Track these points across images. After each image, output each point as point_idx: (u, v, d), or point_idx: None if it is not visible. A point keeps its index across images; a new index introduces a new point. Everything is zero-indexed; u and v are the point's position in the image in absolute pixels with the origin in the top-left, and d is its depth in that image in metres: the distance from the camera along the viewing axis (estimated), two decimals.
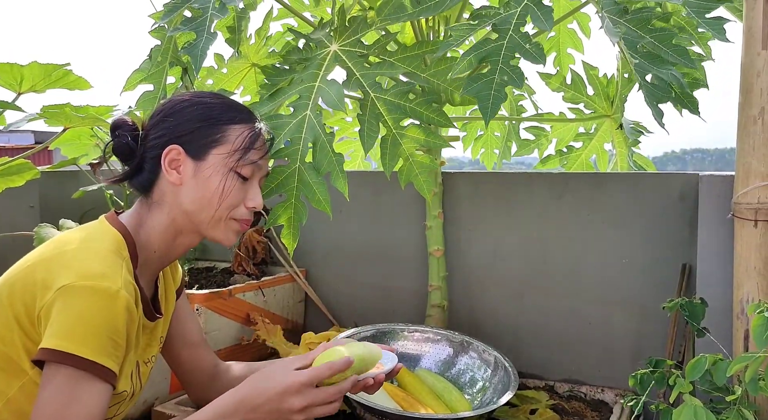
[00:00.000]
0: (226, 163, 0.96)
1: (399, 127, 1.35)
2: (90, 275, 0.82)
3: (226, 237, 1.00)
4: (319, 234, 2.07)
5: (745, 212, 1.22)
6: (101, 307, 0.81)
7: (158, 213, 0.97)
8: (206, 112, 0.97)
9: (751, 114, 1.21)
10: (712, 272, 1.40)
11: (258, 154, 1.00)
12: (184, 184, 0.95)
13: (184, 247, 1.00)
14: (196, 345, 1.12)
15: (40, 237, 1.36)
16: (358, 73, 1.38)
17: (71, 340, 0.79)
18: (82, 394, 0.80)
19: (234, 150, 0.96)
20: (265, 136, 1.03)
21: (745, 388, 0.97)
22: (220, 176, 0.95)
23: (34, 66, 1.41)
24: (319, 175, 1.31)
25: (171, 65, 1.56)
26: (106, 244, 0.89)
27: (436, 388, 1.47)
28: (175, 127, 0.96)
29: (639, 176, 1.69)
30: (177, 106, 0.98)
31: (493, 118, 2.20)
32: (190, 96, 1.00)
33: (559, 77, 1.93)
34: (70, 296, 0.80)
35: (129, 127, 0.98)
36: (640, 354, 1.64)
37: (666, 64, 1.16)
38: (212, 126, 0.96)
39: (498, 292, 1.82)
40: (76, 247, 0.87)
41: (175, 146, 0.95)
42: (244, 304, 1.81)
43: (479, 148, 2.27)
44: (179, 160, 0.95)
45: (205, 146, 0.96)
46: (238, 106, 1.02)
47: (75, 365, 0.79)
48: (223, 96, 1.03)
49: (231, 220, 0.99)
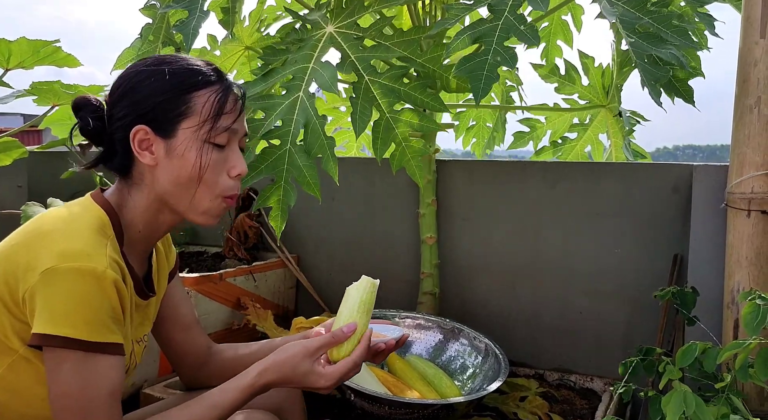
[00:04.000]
0: (198, 135, 0.88)
1: (393, 111, 1.34)
2: (73, 256, 0.80)
3: (206, 220, 0.94)
4: (311, 220, 2.06)
5: (739, 202, 1.22)
6: (91, 288, 0.79)
7: (138, 193, 0.92)
8: (166, 83, 0.88)
9: (747, 103, 1.20)
10: (703, 262, 1.40)
11: (231, 118, 0.91)
12: (159, 164, 0.89)
13: (168, 225, 0.96)
14: (190, 328, 1.10)
15: (27, 215, 1.34)
16: (353, 55, 1.36)
17: (71, 325, 0.78)
18: (98, 371, 0.81)
19: (203, 120, 0.88)
20: (236, 93, 0.93)
21: (735, 375, 0.97)
22: (195, 151, 0.88)
23: (23, 42, 1.38)
24: (309, 157, 1.29)
25: (164, 45, 1.54)
26: (88, 223, 0.86)
27: (427, 374, 1.47)
28: (137, 104, 0.88)
29: (633, 167, 1.69)
30: (134, 80, 0.89)
31: (487, 107, 2.23)
32: (146, 65, 0.90)
33: (549, 65, 1.92)
34: (55, 279, 0.79)
35: (92, 106, 0.92)
36: (630, 344, 1.64)
37: (665, 43, 1.15)
38: (175, 98, 0.88)
39: (490, 281, 1.82)
40: (58, 227, 0.84)
41: (141, 126, 0.88)
42: (234, 288, 1.80)
43: (470, 138, 2.27)
44: (149, 139, 0.88)
45: (172, 121, 0.88)
46: (200, 66, 0.92)
47: (83, 349, 0.79)
48: (181, 58, 0.92)
49: (217, 200, 0.92)
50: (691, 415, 0.91)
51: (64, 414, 0.80)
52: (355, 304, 0.96)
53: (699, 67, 1.51)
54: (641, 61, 1.16)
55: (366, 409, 1.32)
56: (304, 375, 0.91)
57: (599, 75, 1.89)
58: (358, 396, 1.30)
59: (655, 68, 1.20)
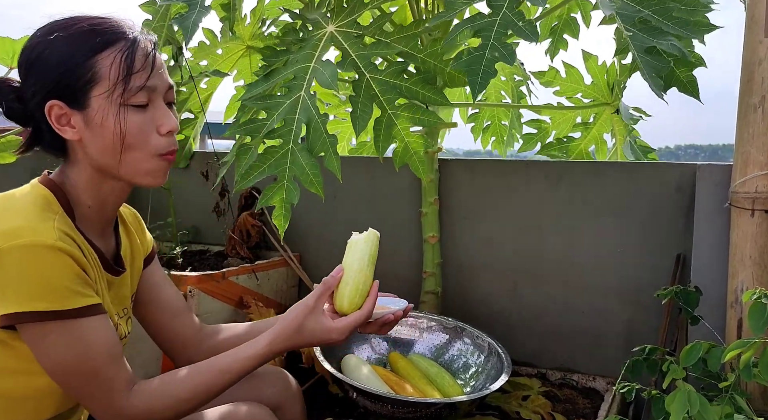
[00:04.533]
0: (112, 100, 0.83)
1: (394, 107, 1.33)
2: (17, 234, 0.78)
3: (154, 180, 0.89)
4: (313, 219, 2.05)
5: (743, 201, 1.22)
6: (45, 259, 0.78)
7: (76, 170, 0.89)
8: (65, 51, 0.82)
9: (752, 102, 1.20)
10: (706, 262, 1.40)
11: (144, 75, 0.84)
12: (83, 137, 0.85)
13: (116, 195, 0.92)
14: (179, 313, 1.08)
15: None
16: (353, 53, 1.36)
17: (40, 299, 0.77)
18: (86, 336, 0.81)
19: (113, 84, 0.82)
20: (145, 46, 0.86)
21: (739, 374, 0.97)
22: (113, 117, 0.83)
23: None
24: (311, 156, 1.29)
25: (165, 43, 1.53)
26: (30, 201, 0.84)
27: (429, 373, 1.47)
28: (42, 78, 0.83)
29: (636, 166, 1.68)
30: (33, 54, 0.83)
31: (487, 105, 2.22)
32: (41, 37, 0.84)
33: (551, 72, 1.92)
34: (5, 260, 0.77)
35: (9, 88, 0.86)
36: (633, 343, 1.63)
37: (666, 35, 1.15)
38: (77, 66, 0.82)
39: (492, 280, 1.81)
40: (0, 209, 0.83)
41: (53, 102, 0.83)
42: (237, 287, 1.80)
43: (489, 138, 2.27)
44: (65, 114, 0.84)
45: (81, 91, 0.83)
46: (99, 26, 0.84)
47: (61, 318, 0.79)
48: (76, 21, 0.85)
49: (155, 159, 0.87)
50: (695, 415, 0.91)
51: (75, 383, 0.81)
52: (365, 256, 0.99)
53: (701, 59, 1.50)
54: (640, 53, 1.15)
55: (369, 407, 1.32)
56: (312, 332, 0.92)
57: (603, 73, 1.88)
58: (361, 394, 1.30)
59: (655, 59, 1.19)
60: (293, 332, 0.92)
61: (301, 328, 0.92)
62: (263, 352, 0.91)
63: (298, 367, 1.62)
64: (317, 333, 0.92)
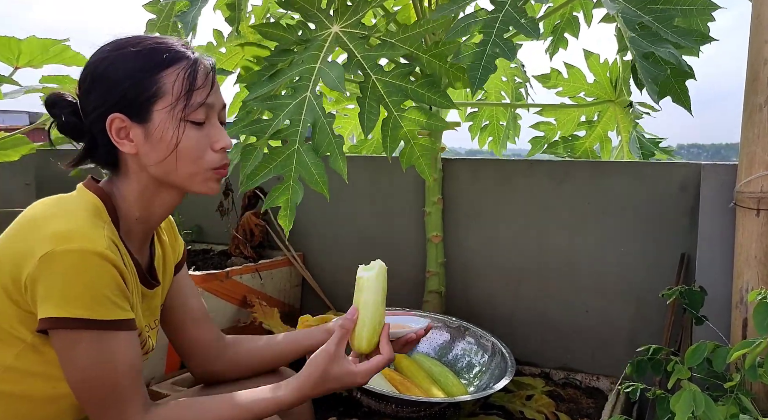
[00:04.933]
0: (174, 114, 0.87)
1: (400, 109, 1.34)
2: (70, 238, 0.79)
3: (207, 188, 0.93)
4: (317, 219, 2.06)
5: (748, 201, 1.22)
6: (92, 267, 0.79)
7: (128, 182, 0.91)
8: (132, 67, 0.86)
9: (757, 102, 1.19)
10: (711, 262, 1.40)
11: (204, 93, 0.89)
12: (140, 150, 0.88)
13: (166, 207, 0.95)
14: (200, 321, 1.09)
15: None
16: (359, 54, 1.36)
17: (80, 306, 0.78)
18: (115, 349, 0.81)
19: (176, 99, 0.87)
20: (205, 66, 0.91)
21: (744, 375, 0.97)
22: (172, 131, 0.87)
23: (32, 40, 1.39)
24: (317, 156, 1.29)
25: None
26: (83, 207, 0.86)
27: (433, 373, 1.47)
28: (106, 93, 0.86)
29: (640, 165, 1.68)
30: (99, 69, 0.87)
31: (492, 105, 2.23)
32: (109, 51, 0.88)
33: (554, 74, 1.92)
34: (55, 263, 0.78)
35: (65, 102, 0.90)
36: (636, 343, 1.63)
37: (664, 42, 1.15)
38: (143, 81, 0.86)
39: (495, 280, 1.81)
40: (52, 212, 0.84)
41: (116, 115, 0.86)
42: (241, 286, 1.81)
43: (486, 138, 2.27)
44: (125, 127, 0.87)
45: (145, 105, 0.86)
46: (163, 44, 0.89)
47: (96, 328, 0.79)
48: (141, 39, 0.90)
49: (207, 172, 0.91)
50: (700, 415, 0.91)
51: (91, 395, 0.81)
52: (378, 293, 0.98)
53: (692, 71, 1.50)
54: (640, 58, 1.16)
55: (372, 407, 1.32)
56: (337, 378, 0.93)
57: (605, 70, 1.88)
58: (365, 394, 1.30)
59: (652, 66, 1.20)
60: (318, 380, 0.92)
61: (326, 375, 0.92)
62: (287, 399, 0.91)
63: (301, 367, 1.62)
64: (343, 378, 0.93)
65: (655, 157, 2.03)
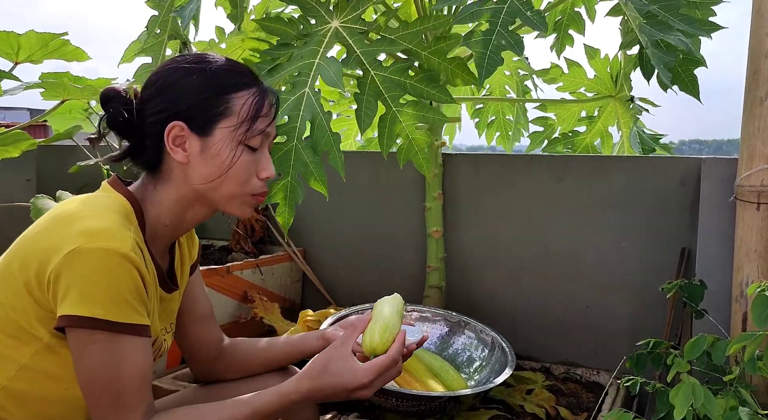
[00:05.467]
0: (234, 136, 0.89)
1: (398, 104, 1.34)
2: (97, 236, 0.79)
3: (242, 212, 0.96)
4: (317, 214, 2.06)
5: (748, 195, 1.21)
6: (116, 268, 0.79)
7: (166, 189, 0.92)
8: (206, 81, 0.89)
9: (758, 95, 1.19)
10: (711, 256, 1.40)
11: (266, 122, 0.93)
12: (191, 161, 0.90)
13: (196, 220, 0.97)
14: (206, 320, 1.10)
15: (37, 208, 1.34)
16: (358, 50, 1.36)
17: (99, 306, 0.78)
18: (127, 354, 0.81)
19: (240, 121, 0.90)
20: (271, 97, 0.95)
21: (743, 368, 0.97)
22: (229, 151, 0.89)
23: (31, 35, 1.39)
24: (316, 154, 1.29)
25: (170, 38, 1.54)
26: (112, 207, 0.86)
27: (433, 367, 1.47)
28: (175, 100, 0.89)
29: (640, 160, 1.68)
30: (173, 76, 0.90)
31: (494, 100, 2.22)
32: (186, 63, 0.91)
33: (555, 70, 1.91)
34: (80, 260, 0.78)
35: (122, 99, 0.92)
36: (637, 338, 1.63)
37: (672, 30, 1.15)
38: (215, 97, 0.89)
39: (496, 275, 1.82)
40: (81, 209, 0.84)
41: (177, 122, 0.88)
42: (241, 281, 1.81)
43: (494, 134, 2.26)
44: (183, 136, 0.89)
45: (210, 120, 0.89)
46: (238, 68, 0.93)
47: (111, 330, 0.79)
48: (219, 59, 0.94)
49: (246, 196, 0.94)
50: (699, 408, 0.91)
51: (96, 397, 0.81)
52: (395, 306, 0.98)
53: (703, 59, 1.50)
54: (651, 45, 1.16)
55: (373, 401, 1.33)
56: (338, 373, 0.88)
57: (605, 66, 1.88)
58: None
59: (663, 53, 1.20)
60: (319, 372, 0.89)
61: (327, 367, 0.89)
62: (286, 389, 0.88)
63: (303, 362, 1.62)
64: (344, 374, 0.88)
65: (655, 154, 2.03)
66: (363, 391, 0.89)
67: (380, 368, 0.89)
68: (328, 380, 0.89)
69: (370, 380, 0.88)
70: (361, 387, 0.88)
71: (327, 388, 0.88)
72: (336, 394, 0.89)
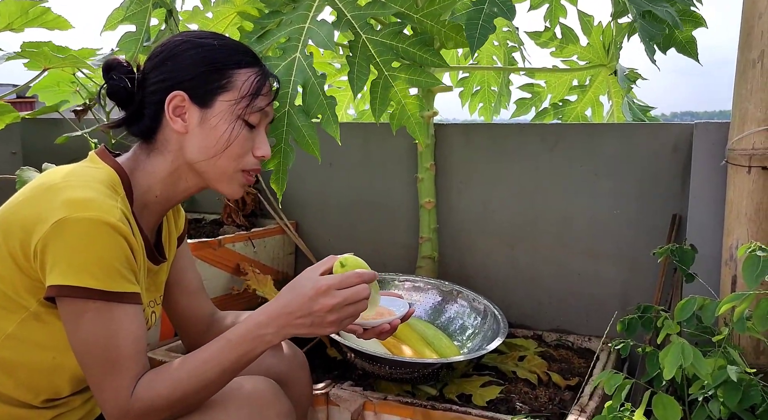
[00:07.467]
0: (234, 110, 0.91)
1: (391, 68, 1.32)
2: (84, 206, 0.79)
3: (231, 190, 0.96)
4: (309, 186, 2.05)
5: (739, 158, 1.21)
6: (104, 237, 0.79)
7: (160, 159, 0.93)
8: (210, 56, 0.91)
9: (751, 57, 1.18)
10: (702, 220, 1.40)
11: (265, 100, 0.95)
12: (190, 132, 0.91)
13: (188, 193, 0.97)
14: (195, 293, 1.10)
15: (22, 180, 1.33)
16: (348, 13, 1.33)
17: (89, 275, 0.78)
18: (121, 322, 0.81)
19: (241, 96, 0.91)
20: (272, 79, 0.99)
21: (732, 330, 0.98)
22: (227, 124, 0.91)
23: (10, 2, 1.35)
24: (308, 117, 1.28)
25: (155, 6, 1.50)
26: (98, 177, 0.86)
27: (426, 335, 1.48)
28: (178, 71, 0.90)
29: (632, 127, 1.67)
30: (178, 49, 0.91)
31: (486, 69, 2.19)
32: (191, 37, 0.93)
33: (547, 33, 1.88)
34: (67, 230, 0.78)
35: (124, 68, 0.92)
36: (628, 304, 1.66)
37: (661, 1, 1.14)
38: (218, 71, 0.91)
39: (488, 244, 1.82)
40: (67, 179, 0.83)
41: (179, 92, 0.89)
42: (234, 254, 1.80)
43: (477, 104, 2.24)
44: (184, 106, 0.90)
45: (211, 92, 0.91)
46: (242, 48, 0.96)
47: (103, 299, 0.79)
48: (225, 37, 0.96)
49: (238, 173, 0.95)
50: (688, 367, 0.92)
51: (92, 366, 0.81)
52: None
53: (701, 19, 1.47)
54: (638, 16, 1.14)
55: (367, 369, 1.34)
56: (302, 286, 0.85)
57: (599, 34, 1.86)
58: (359, 356, 1.31)
59: (650, 25, 1.19)
60: (285, 291, 0.87)
61: (293, 285, 0.87)
62: (255, 315, 0.86)
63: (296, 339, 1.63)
64: (306, 284, 0.85)
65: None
66: (325, 300, 0.83)
67: (342, 278, 0.85)
68: (290, 296, 0.85)
69: (328, 285, 0.83)
70: (321, 293, 0.83)
71: (291, 304, 0.84)
72: (301, 309, 0.84)
